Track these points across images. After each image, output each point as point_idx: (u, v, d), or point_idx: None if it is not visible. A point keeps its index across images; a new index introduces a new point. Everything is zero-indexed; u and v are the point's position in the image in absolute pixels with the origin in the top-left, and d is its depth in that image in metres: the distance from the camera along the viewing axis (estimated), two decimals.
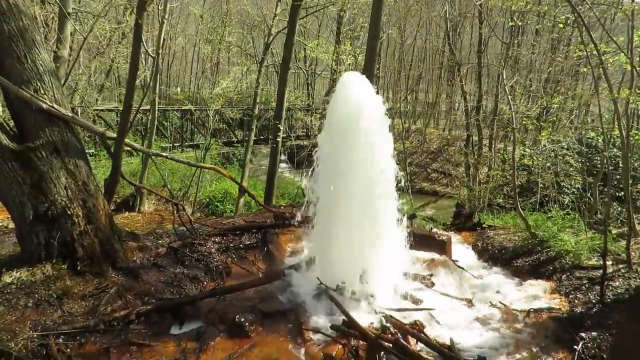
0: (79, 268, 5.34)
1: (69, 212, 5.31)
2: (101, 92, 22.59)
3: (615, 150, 13.58)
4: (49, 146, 5.22)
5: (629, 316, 4.10)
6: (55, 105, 5.23)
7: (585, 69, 13.89)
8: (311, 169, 6.18)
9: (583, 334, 5.27)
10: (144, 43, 10.90)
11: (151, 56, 9.74)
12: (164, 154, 8.11)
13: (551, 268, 7.65)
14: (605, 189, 11.86)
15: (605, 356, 4.81)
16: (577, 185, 13.28)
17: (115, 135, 6.35)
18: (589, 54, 9.07)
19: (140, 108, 18.18)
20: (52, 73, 5.45)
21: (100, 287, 5.31)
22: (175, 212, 7.60)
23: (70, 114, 5.46)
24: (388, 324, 5.19)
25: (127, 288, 5.48)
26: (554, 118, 17.57)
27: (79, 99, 18.35)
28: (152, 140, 10.61)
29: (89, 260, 5.46)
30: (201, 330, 5.08)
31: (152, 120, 10.65)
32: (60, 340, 4.44)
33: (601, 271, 7.06)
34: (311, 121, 20.43)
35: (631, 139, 9.13)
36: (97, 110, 18.10)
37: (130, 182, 7.73)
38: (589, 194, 12.33)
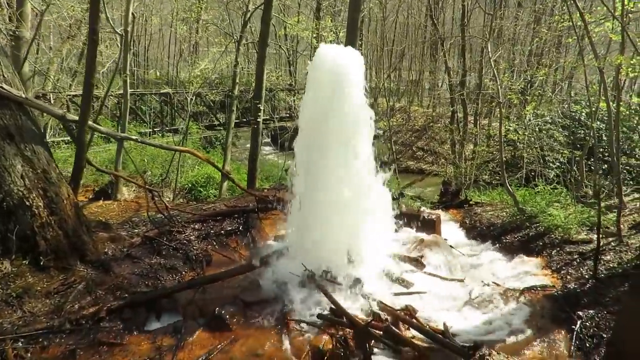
0: (42, 263, 4.91)
1: (27, 203, 4.85)
2: (75, 77, 21.67)
3: (598, 123, 13.49)
4: (1, 131, 4.72)
5: (634, 293, 3.89)
6: (4, 85, 4.72)
7: (570, 40, 13.66)
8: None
9: (580, 313, 5.07)
10: (111, 20, 10.26)
11: (118, 34, 9.14)
12: (134, 137, 7.63)
13: (541, 243, 7.51)
14: (589, 162, 11.76)
15: (604, 335, 4.61)
16: (562, 159, 13.19)
17: (77, 118, 5.85)
18: (574, 23, 8.78)
19: (115, 92, 17.56)
20: (0, 50, 4.93)
21: (66, 283, 4.90)
22: (150, 198, 7.17)
23: (23, 95, 4.95)
24: (378, 311, 4.92)
25: (97, 283, 5.09)
26: (539, 91, 17.39)
27: (51, 85, 17.56)
28: (125, 124, 10.09)
29: (53, 254, 5.03)
30: (179, 324, 4.73)
31: (125, 102, 10.11)
32: (20, 344, 4.04)
33: (591, 245, 6.91)
34: (294, 101, 19.92)
35: (623, 110, 8.93)
36: (70, 95, 17.30)
37: (98, 169, 7.27)
38: (574, 168, 12.23)
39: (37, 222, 4.94)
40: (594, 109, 10.04)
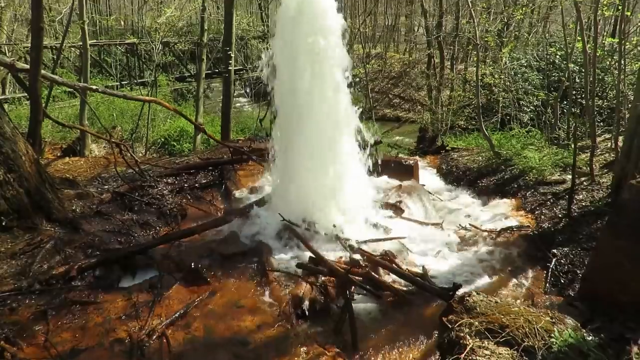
0: (4, 224, 4.65)
1: None
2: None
3: (572, 65, 13.45)
4: None
5: (610, 231, 3.93)
6: None
7: None
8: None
9: (555, 251, 5.18)
10: None
11: None
12: (94, 86, 7.16)
13: (516, 186, 7.60)
14: (563, 105, 11.80)
15: (578, 271, 4.73)
16: (536, 102, 13.19)
17: (28, 67, 5.40)
18: None
19: (76, 42, 16.48)
20: None
21: (32, 243, 4.68)
22: (117, 153, 6.85)
23: None
24: (357, 257, 4.91)
25: (66, 241, 4.87)
26: (515, 33, 17.11)
27: (5, 36, 16.40)
28: (87, 75, 9.49)
29: (15, 214, 4.76)
30: (155, 280, 4.61)
31: (85, 52, 9.46)
32: None
33: (564, 185, 7.02)
34: (267, 49, 19.13)
35: (598, 51, 8.84)
36: (27, 47, 16.19)
37: (58, 122, 6.86)
38: (549, 110, 12.26)
39: None
40: (569, 50, 9.93)
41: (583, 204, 6.34)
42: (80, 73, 16.86)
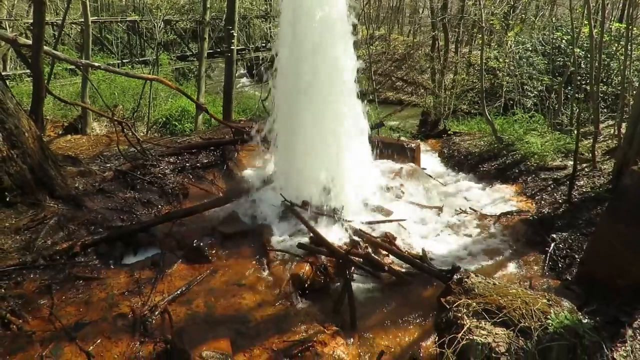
0: (8, 199, 4.69)
1: None
2: (32, 3, 20.00)
3: (578, 50, 13.32)
4: None
5: (611, 216, 3.96)
6: None
7: None
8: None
9: (554, 235, 5.21)
10: None
11: None
12: (96, 63, 7.13)
13: (517, 171, 7.60)
14: (567, 90, 11.71)
15: (576, 256, 4.77)
16: (540, 87, 13.09)
17: (31, 42, 5.36)
18: None
19: (77, 19, 16.28)
20: None
21: (36, 218, 4.72)
22: (120, 131, 6.84)
23: None
24: (357, 238, 4.95)
25: (69, 218, 4.92)
26: (521, 16, 16.88)
27: (6, 12, 16.18)
28: (88, 52, 9.41)
29: (19, 190, 4.80)
30: (157, 257, 4.67)
31: (87, 28, 9.37)
32: None
33: (565, 171, 7.03)
34: (270, 29, 18.91)
35: (604, 36, 8.73)
36: (28, 23, 16.01)
37: (59, 99, 6.85)
38: (552, 96, 12.18)
39: None
40: (576, 35, 9.82)
41: (584, 189, 6.36)
42: (82, 50, 16.75)
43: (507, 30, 14.07)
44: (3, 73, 14.42)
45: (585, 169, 6.99)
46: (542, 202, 6.43)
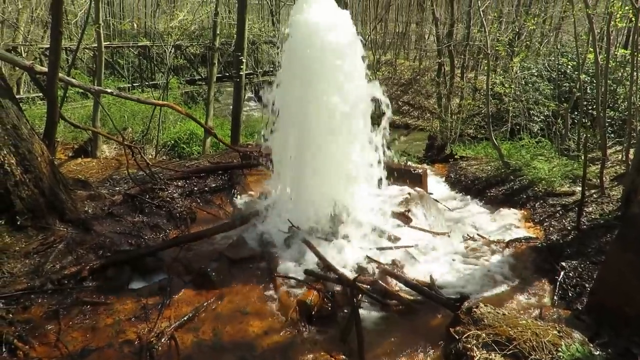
0: (19, 223, 4.73)
1: None
2: (47, 29, 20.54)
3: (583, 76, 13.42)
4: None
5: (620, 245, 3.92)
6: None
7: None
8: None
9: (563, 263, 5.16)
10: None
11: None
12: (109, 90, 7.27)
13: (524, 196, 7.58)
14: (573, 115, 11.75)
15: (587, 285, 4.71)
16: (547, 113, 13.15)
17: (46, 69, 5.51)
18: None
19: (90, 44, 16.68)
20: None
21: (46, 242, 4.76)
22: (129, 155, 6.93)
23: None
24: (365, 265, 4.93)
25: (78, 242, 4.95)
26: (527, 43, 17.09)
27: (22, 37, 16.63)
28: (101, 78, 9.64)
29: (30, 213, 4.85)
30: (164, 282, 4.67)
31: (100, 55, 9.61)
32: (1, 305, 3.95)
33: (574, 197, 7.00)
34: (278, 54, 19.23)
35: (610, 62, 8.81)
36: (43, 49, 16.44)
37: (73, 124, 6.95)
38: (559, 121, 12.22)
39: (11, 180, 4.72)
40: (581, 61, 9.92)
41: (592, 216, 6.32)
42: (94, 75, 17.12)
43: (513, 56, 14.24)
44: (17, 96, 14.77)
45: (594, 195, 6.96)
46: (551, 228, 6.39)
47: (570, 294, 4.74)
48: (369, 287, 4.53)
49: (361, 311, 4.17)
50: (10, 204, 4.73)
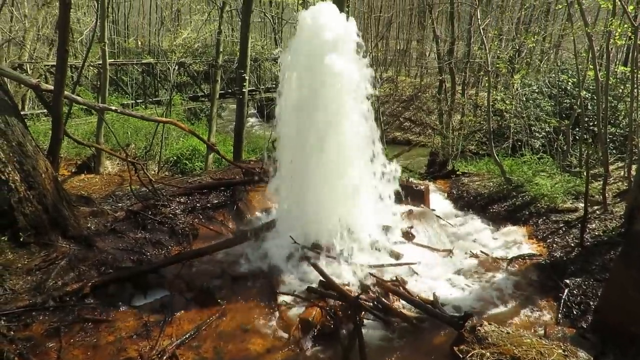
0: (22, 239, 4.74)
1: (3, 177, 4.64)
2: (52, 47, 20.86)
3: (584, 92, 13.51)
4: None
5: (623, 262, 3.90)
6: None
7: (560, 7, 13.46)
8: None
9: (567, 281, 5.12)
10: None
11: None
12: (113, 107, 7.35)
13: (527, 213, 7.55)
14: (575, 132, 11.79)
15: (591, 302, 4.67)
16: (548, 129, 13.20)
17: (52, 87, 5.57)
18: None
19: (94, 62, 16.90)
20: None
21: (48, 259, 4.76)
22: (132, 171, 6.97)
23: None
24: (368, 282, 4.90)
25: (80, 258, 4.95)
26: (527, 60, 17.23)
27: (28, 55, 16.87)
28: (105, 95, 9.73)
29: (33, 230, 4.86)
30: (166, 299, 4.66)
31: (104, 72, 9.73)
32: (2, 322, 3.93)
33: (577, 214, 6.97)
34: (279, 71, 19.39)
35: (610, 79, 8.88)
36: (48, 66, 16.66)
37: (77, 141, 7.01)
38: (560, 137, 12.25)
39: (15, 197, 4.74)
40: (581, 78, 9.99)
41: (596, 233, 6.29)
42: (98, 91, 17.31)
43: (513, 73, 14.34)
44: (22, 113, 14.91)
45: (597, 211, 6.94)
46: (554, 245, 6.36)
47: (574, 312, 4.70)
48: (371, 304, 4.50)
49: (364, 329, 4.14)
50: (14, 220, 4.75)
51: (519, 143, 13.87)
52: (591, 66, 8.19)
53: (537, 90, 15.04)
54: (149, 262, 5.37)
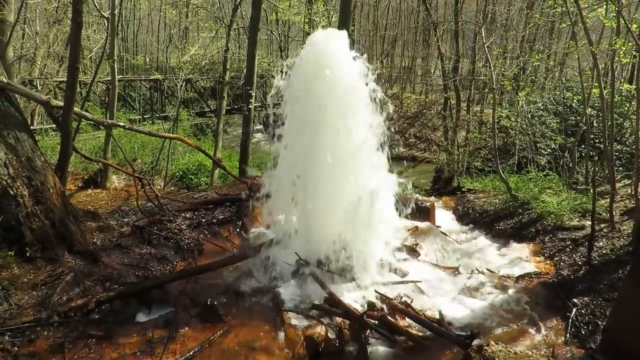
0: (28, 254, 4.77)
1: (12, 192, 4.69)
2: (62, 63, 21.22)
3: (589, 110, 13.52)
4: None
5: (631, 281, 3.86)
6: None
7: (564, 25, 13.57)
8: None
9: (575, 300, 5.06)
10: (97, 4, 9.98)
11: (105, 17, 8.86)
12: (121, 123, 7.43)
13: (533, 230, 7.50)
14: (581, 149, 11.76)
15: (600, 322, 4.60)
16: (554, 146, 13.19)
17: (62, 104, 5.66)
18: (568, 8, 8.67)
19: (103, 78, 17.15)
20: None
21: (54, 274, 4.77)
22: (139, 187, 7.01)
23: (4, 80, 4.76)
24: (373, 300, 4.86)
25: (86, 274, 4.96)
26: (532, 78, 17.31)
27: (38, 71, 17.15)
28: (113, 111, 9.85)
29: (39, 245, 4.89)
30: (170, 316, 4.64)
31: (113, 88, 9.86)
32: (6, 338, 3.93)
33: (584, 232, 6.92)
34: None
35: (615, 97, 8.89)
36: (57, 82, 16.91)
37: (85, 157, 7.08)
38: (566, 154, 12.22)
39: (23, 212, 4.78)
40: (586, 96, 10.02)
41: (603, 251, 6.23)
42: (106, 107, 17.51)
43: (518, 90, 14.40)
44: (31, 127, 15.10)
45: (604, 229, 6.88)
46: (561, 263, 6.29)
47: (583, 332, 4.63)
48: (377, 322, 4.46)
49: (369, 347, 4.09)
50: (21, 235, 4.78)
51: (525, 160, 13.86)
52: (596, 84, 8.21)
53: (542, 108, 15.08)
54: (154, 277, 5.36)
